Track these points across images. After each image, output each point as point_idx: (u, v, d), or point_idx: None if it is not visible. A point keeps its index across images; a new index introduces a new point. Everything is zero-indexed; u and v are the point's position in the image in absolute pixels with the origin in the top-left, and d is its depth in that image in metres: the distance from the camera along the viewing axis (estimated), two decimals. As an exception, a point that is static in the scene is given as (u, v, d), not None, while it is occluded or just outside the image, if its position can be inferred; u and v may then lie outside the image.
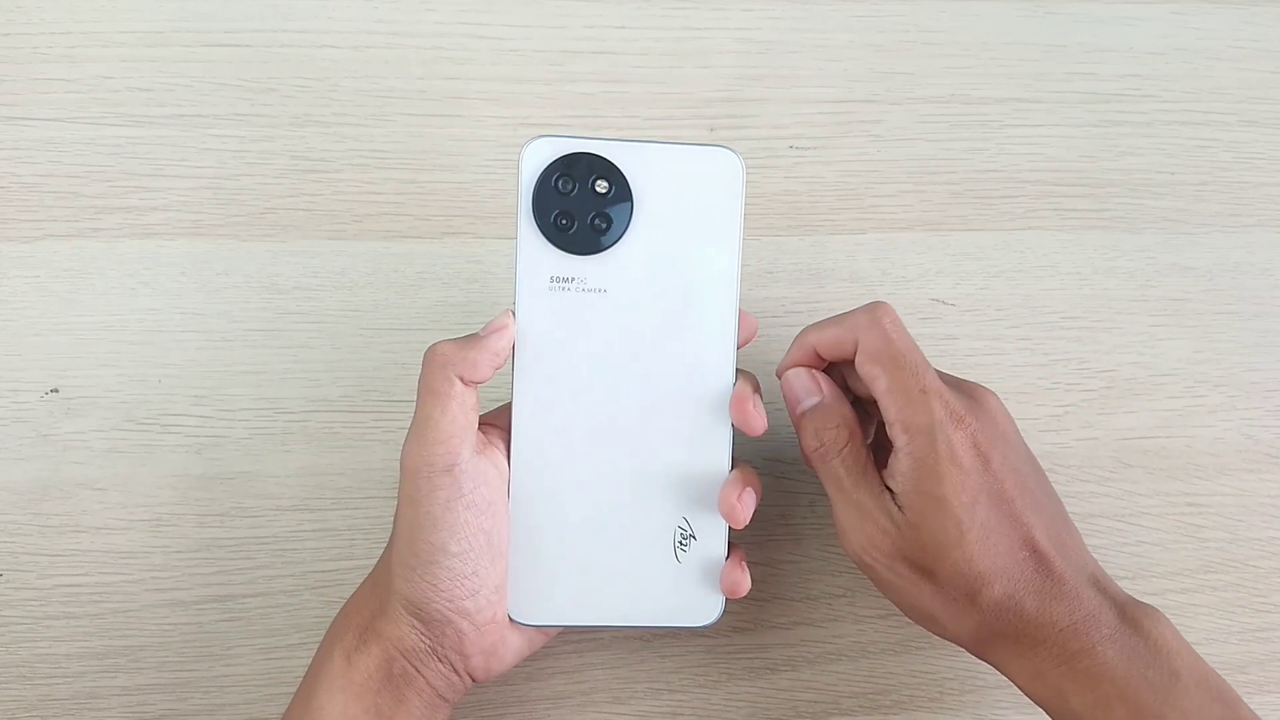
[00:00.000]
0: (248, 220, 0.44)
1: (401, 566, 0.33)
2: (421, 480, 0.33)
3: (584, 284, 0.35)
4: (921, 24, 0.49)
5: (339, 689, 0.33)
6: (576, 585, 0.35)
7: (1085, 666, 0.33)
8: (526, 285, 0.35)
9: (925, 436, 0.34)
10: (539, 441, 0.35)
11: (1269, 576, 0.45)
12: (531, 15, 0.47)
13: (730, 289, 0.35)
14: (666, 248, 0.35)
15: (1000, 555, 0.34)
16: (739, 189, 0.35)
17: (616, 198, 0.34)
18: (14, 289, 0.43)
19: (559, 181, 0.34)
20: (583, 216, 0.34)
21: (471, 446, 0.34)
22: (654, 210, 0.35)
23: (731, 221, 0.35)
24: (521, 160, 0.34)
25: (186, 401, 0.43)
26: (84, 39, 0.45)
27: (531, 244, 0.34)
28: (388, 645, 0.33)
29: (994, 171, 0.47)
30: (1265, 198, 0.48)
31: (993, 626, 0.34)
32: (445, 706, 0.35)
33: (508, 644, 0.35)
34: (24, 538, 0.41)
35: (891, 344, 0.34)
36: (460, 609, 0.33)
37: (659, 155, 0.35)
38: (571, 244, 0.34)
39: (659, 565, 0.35)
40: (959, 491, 0.33)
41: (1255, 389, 0.46)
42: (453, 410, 0.33)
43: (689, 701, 0.42)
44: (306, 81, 0.46)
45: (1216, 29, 0.50)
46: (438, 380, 0.33)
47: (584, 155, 0.34)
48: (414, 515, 0.33)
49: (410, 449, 0.33)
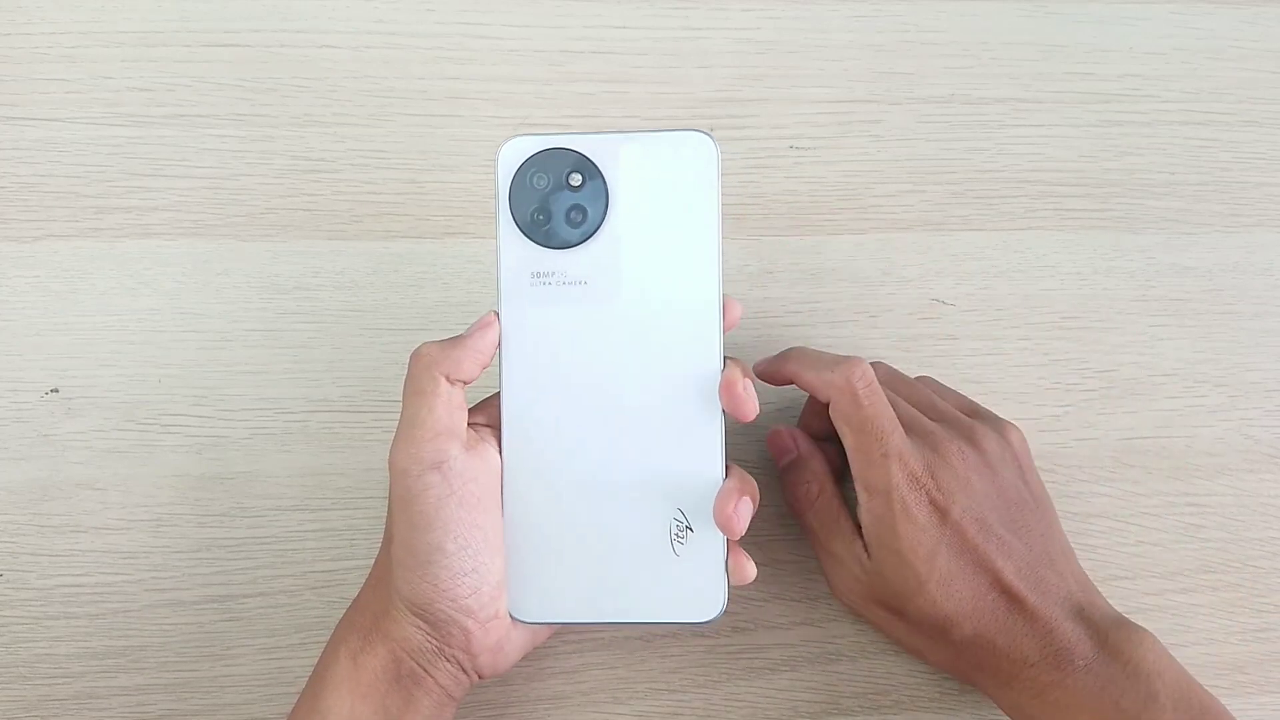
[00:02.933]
0: (248, 220, 0.44)
1: (400, 568, 0.33)
2: (411, 480, 0.33)
3: (564, 277, 0.35)
4: (921, 24, 0.49)
5: (346, 690, 0.33)
6: (574, 581, 0.35)
7: (1056, 698, 0.35)
8: (509, 283, 0.35)
9: (883, 497, 0.36)
10: (528, 438, 0.35)
11: (1269, 576, 0.45)
12: (531, 15, 0.47)
13: (712, 274, 0.35)
14: (645, 236, 0.35)
15: (965, 599, 0.36)
16: (714, 172, 0.34)
17: (591, 190, 0.34)
18: (14, 289, 0.43)
19: (534, 178, 0.35)
20: (559, 211, 0.34)
21: (461, 443, 0.34)
22: (630, 200, 0.35)
23: (708, 205, 0.34)
24: (498, 161, 0.35)
25: (186, 401, 0.43)
26: (84, 39, 0.45)
27: (511, 242, 0.35)
28: (394, 646, 0.33)
29: (994, 171, 0.47)
30: (1265, 198, 0.48)
31: (969, 661, 0.37)
32: (453, 705, 0.35)
33: (512, 640, 0.35)
34: (24, 538, 0.41)
35: (860, 409, 0.36)
36: (463, 608, 0.33)
37: (631, 144, 0.35)
38: (549, 238, 0.35)
39: (656, 559, 0.35)
40: (915, 546, 0.36)
41: (1255, 389, 0.46)
42: (439, 409, 0.33)
43: (689, 701, 0.42)
44: (306, 81, 0.46)
45: (1216, 29, 0.50)
46: (423, 380, 0.33)
47: (556, 150, 0.35)
48: (407, 516, 0.33)
49: (398, 449, 0.33)
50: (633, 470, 0.35)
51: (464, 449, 0.34)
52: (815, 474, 0.40)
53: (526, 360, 0.35)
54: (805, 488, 0.40)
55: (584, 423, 0.35)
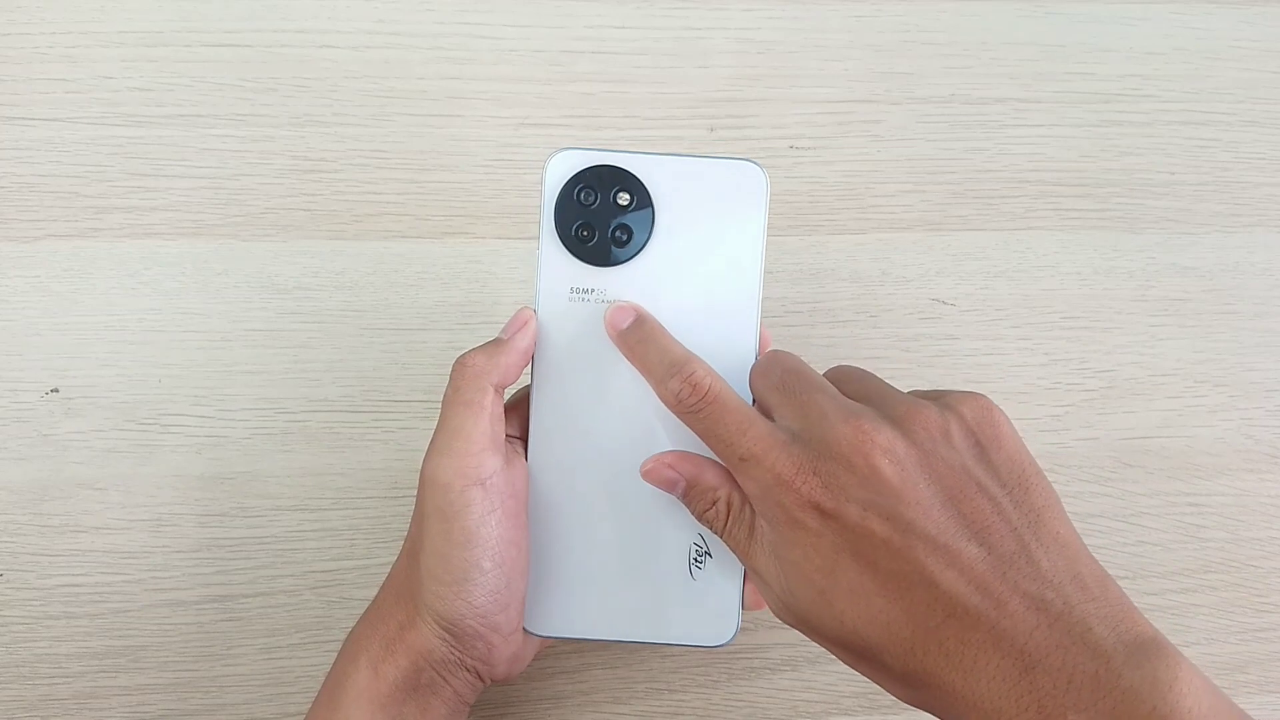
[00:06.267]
0: (248, 220, 0.44)
1: (434, 582, 0.33)
2: (454, 494, 0.32)
3: (604, 295, 0.34)
4: (921, 24, 0.49)
5: (365, 699, 0.33)
6: (591, 599, 0.35)
7: None
8: (547, 297, 0.34)
9: (761, 504, 0.30)
10: (557, 455, 0.35)
11: (1269, 576, 0.45)
12: (531, 15, 0.47)
13: (752, 304, 0.34)
14: (687, 261, 0.34)
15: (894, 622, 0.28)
16: (762, 203, 0.34)
17: (637, 210, 0.34)
18: (14, 289, 0.43)
19: (581, 193, 0.34)
20: (604, 228, 0.34)
21: (502, 456, 0.33)
22: (676, 223, 0.34)
23: (754, 236, 0.34)
24: (546, 172, 0.34)
25: (186, 401, 0.43)
26: (84, 39, 0.45)
27: (553, 255, 0.34)
28: (416, 657, 0.33)
29: (994, 171, 0.47)
30: (1265, 198, 0.48)
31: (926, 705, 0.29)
32: (466, 709, 0.35)
33: (528, 648, 0.36)
34: (24, 538, 0.41)
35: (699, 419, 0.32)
36: (492, 624, 0.33)
37: (682, 168, 0.34)
38: (592, 255, 0.34)
39: (673, 582, 0.35)
40: (809, 555, 0.29)
41: (1255, 389, 0.46)
42: (485, 421, 0.32)
43: (689, 701, 0.42)
44: (306, 81, 0.46)
45: (1216, 29, 0.50)
46: (471, 391, 0.32)
47: (606, 168, 0.34)
48: (447, 530, 0.32)
49: (440, 462, 0.32)
50: (656, 494, 0.34)
51: (504, 463, 0.33)
52: (710, 491, 0.33)
53: (559, 374, 0.35)
54: (709, 512, 0.33)
55: (611, 441, 0.35)
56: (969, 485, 0.29)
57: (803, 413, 0.30)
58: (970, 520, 0.28)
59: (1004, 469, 0.29)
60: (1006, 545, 0.28)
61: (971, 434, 0.30)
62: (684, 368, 0.32)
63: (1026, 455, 0.30)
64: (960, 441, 0.29)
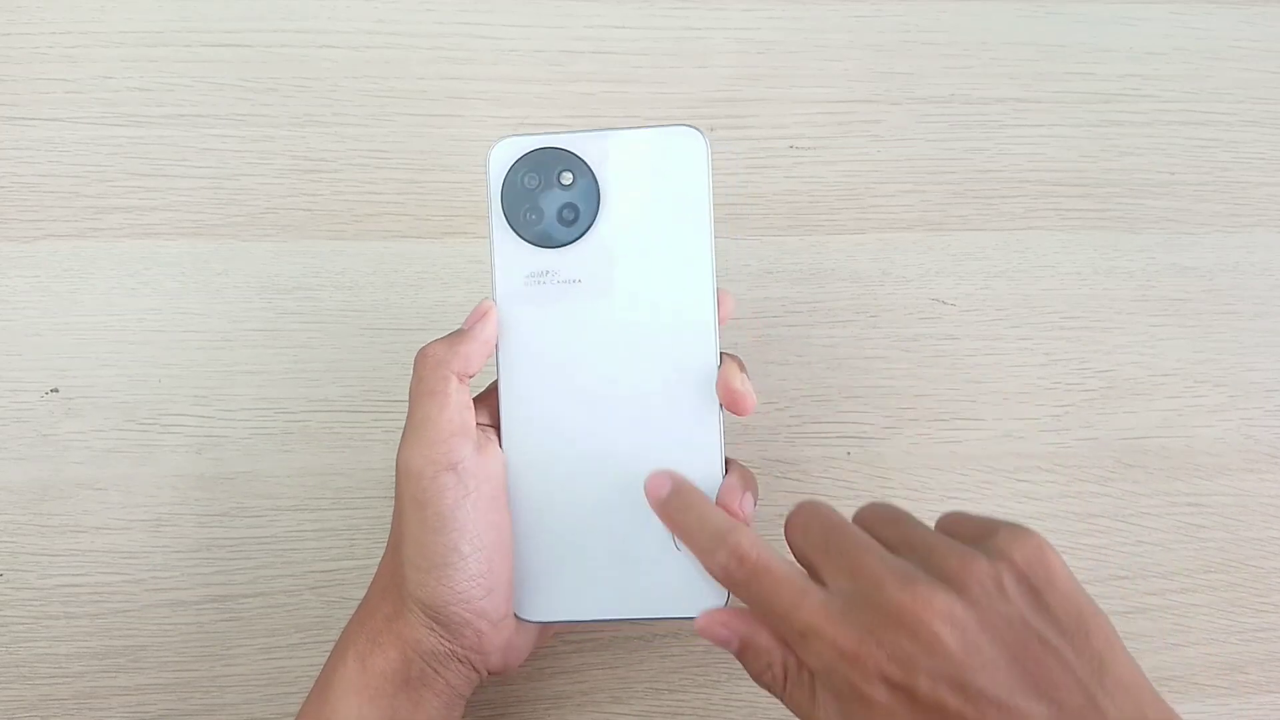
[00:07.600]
0: (248, 220, 0.44)
1: (414, 570, 0.33)
2: (426, 481, 0.32)
3: (558, 276, 0.35)
4: (921, 24, 0.49)
5: (354, 692, 0.33)
6: (576, 580, 0.35)
7: None
8: (505, 285, 0.35)
9: (825, 677, 0.30)
10: (528, 438, 0.35)
11: (1269, 576, 0.45)
12: (531, 15, 0.47)
13: (705, 269, 0.34)
14: (637, 231, 0.35)
15: None
16: (704, 166, 0.34)
17: (582, 188, 0.35)
18: (14, 289, 0.43)
19: (525, 178, 0.35)
20: (551, 210, 0.35)
21: (473, 443, 0.33)
22: (622, 196, 0.35)
23: (700, 200, 0.34)
24: (488, 163, 0.35)
25: (186, 401, 0.43)
26: (84, 39, 0.45)
27: (505, 244, 0.35)
28: (405, 648, 0.33)
29: (994, 171, 0.47)
30: (1265, 198, 0.48)
31: None
32: (462, 703, 0.35)
33: (522, 637, 0.35)
34: (24, 538, 0.41)
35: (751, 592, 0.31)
36: (478, 609, 0.33)
37: (622, 141, 0.35)
38: (543, 238, 0.35)
39: (658, 556, 0.35)
40: None
41: (1255, 389, 0.46)
42: (450, 409, 0.33)
43: (689, 701, 0.42)
44: (306, 81, 0.46)
45: (1216, 29, 0.50)
46: (434, 380, 0.33)
47: (547, 149, 0.35)
48: (421, 517, 0.33)
49: (411, 452, 0.33)
50: (633, 467, 0.35)
51: (476, 449, 0.33)
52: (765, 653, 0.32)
53: (524, 360, 0.35)
54: (766, 674, 0.32)
55: (583, 421, 0.35)
56: (1030, 639, 0.28)
57: (853, 577, 0.30)
58: (1035, 678, 0.28)
59: (1062, 614, 0.29)
60: (1074, 700, 0.27)
61: (1025, 579, 0.29)
62: (728, 538, 0.31)
63: (1082, 595, 0.30)
64: (1014, 591, 0.29)
